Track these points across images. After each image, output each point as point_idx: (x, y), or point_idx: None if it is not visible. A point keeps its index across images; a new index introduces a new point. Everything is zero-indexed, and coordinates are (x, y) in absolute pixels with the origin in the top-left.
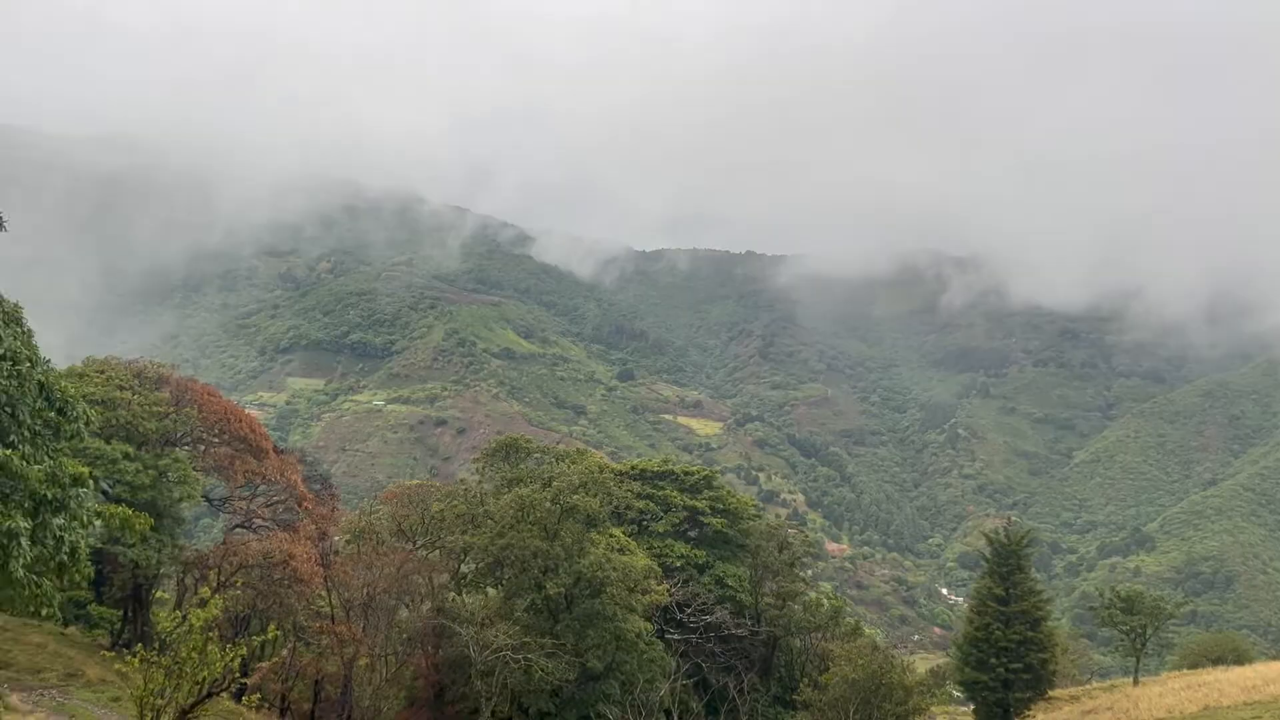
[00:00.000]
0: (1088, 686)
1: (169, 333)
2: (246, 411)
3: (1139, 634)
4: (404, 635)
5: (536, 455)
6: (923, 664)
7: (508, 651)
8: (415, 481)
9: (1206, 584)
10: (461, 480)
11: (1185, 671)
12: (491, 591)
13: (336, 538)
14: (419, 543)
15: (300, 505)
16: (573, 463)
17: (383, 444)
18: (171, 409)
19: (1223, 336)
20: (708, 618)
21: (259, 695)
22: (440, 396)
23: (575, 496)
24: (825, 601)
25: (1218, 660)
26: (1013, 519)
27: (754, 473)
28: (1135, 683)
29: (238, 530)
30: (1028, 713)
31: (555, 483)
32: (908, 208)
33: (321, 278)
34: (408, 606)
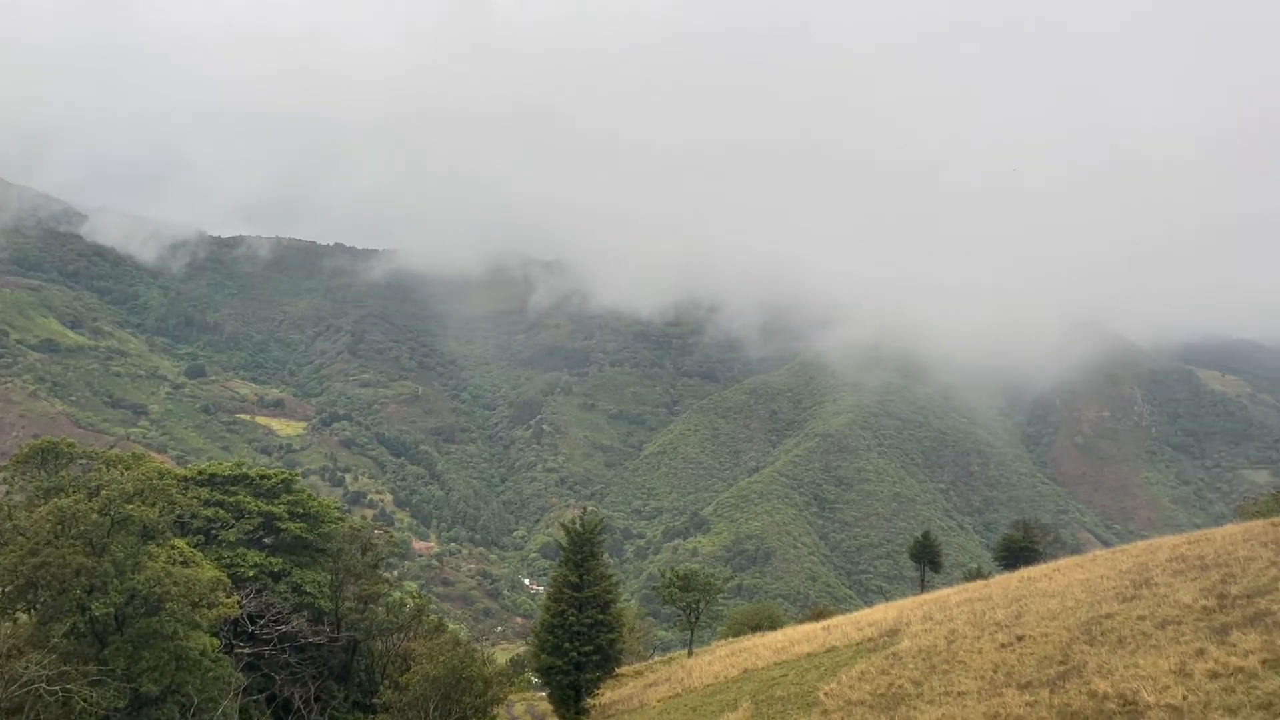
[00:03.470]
0: (651, 661)
1: None
2: None
3: (694, 609)
4: None
5: (83, 461)
6: (504, 654)
7: (41, 684)
8: None
9: (750, 560)
10: None
11: (730, 640)
12: (24, 617)
13: None
14: None
15: None
16: (127, 468)
17: None
18: None
19: (772, 351)
20: (283, 627)
21: None
22: None
23: (129, 506)
24: (409, 601)
25: (756, 627)
26: (589, 508)
27: (340, 474)
28: (690, 654)
29: None
30: (597, 692)
31: (105, 491)
32: (502, 212)
33: None
34: None
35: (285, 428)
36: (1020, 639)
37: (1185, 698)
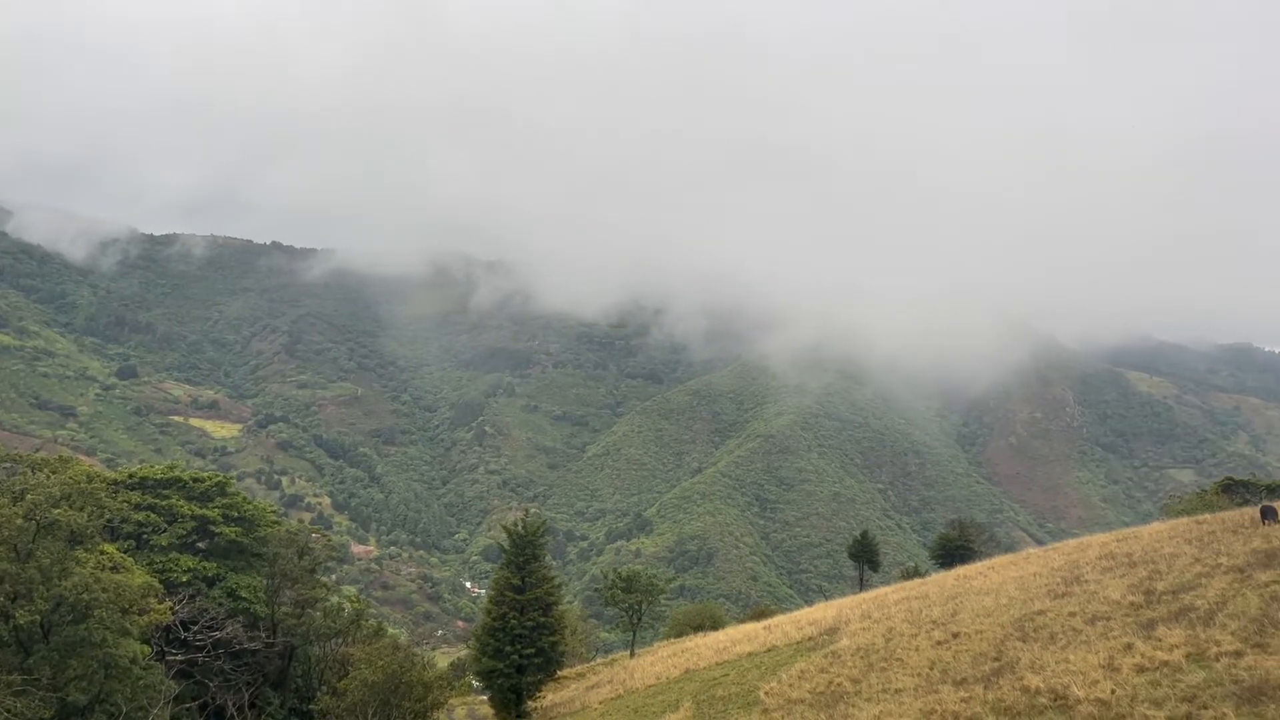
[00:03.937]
0: (593, 663)
1: None
2: None
3: (636, 610)
4: None
5: (7, 464)
6: (445, 658)
7: None
8: None
9: (693, 560)
10: None
11: (672, 640)
12: None
13: None
14: None
15: None
16: (54, 471)
17: None
18: None
19: (716, 353)
20: (217, 633)
21: None
22: None
23: (56, 511)
24: (347, 606)
25: (699, 628)
26: (531, 510)
27: (276, 477)
28: (632, 655)
29: None
30: (539, 694)
31: (30, 495)
32: (444, 211)
33: None
34: None
35: (220, 430)
36: (956, 636)
37: (1113, 692)
